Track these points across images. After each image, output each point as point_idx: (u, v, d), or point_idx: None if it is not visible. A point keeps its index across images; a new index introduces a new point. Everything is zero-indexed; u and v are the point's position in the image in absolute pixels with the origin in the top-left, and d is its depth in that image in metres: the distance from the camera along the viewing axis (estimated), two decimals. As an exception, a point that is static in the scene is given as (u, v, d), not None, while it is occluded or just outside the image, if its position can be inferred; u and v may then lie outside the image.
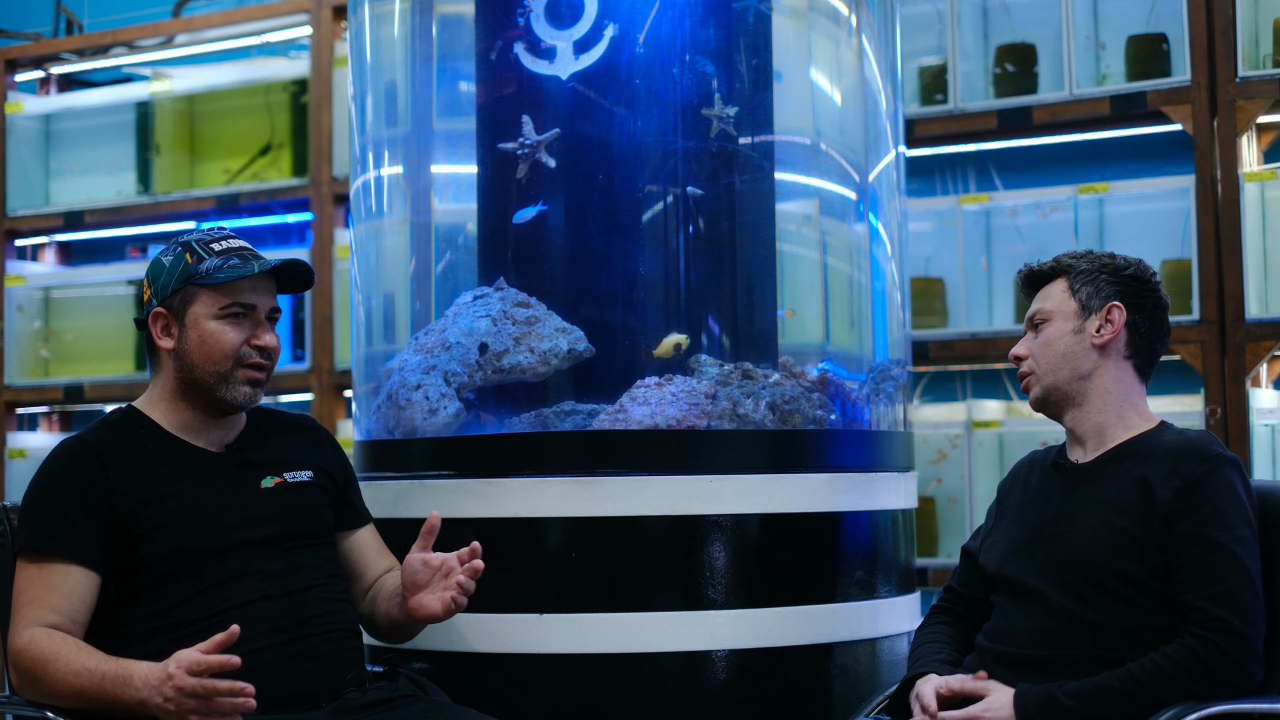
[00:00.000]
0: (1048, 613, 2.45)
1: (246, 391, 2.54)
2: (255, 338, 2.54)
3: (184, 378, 2.54)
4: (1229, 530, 2.35)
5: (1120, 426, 2.53)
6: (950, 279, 4.50)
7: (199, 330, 2.52)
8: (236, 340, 2.52)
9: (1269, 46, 4.14)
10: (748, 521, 2.80)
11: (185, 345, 2.53)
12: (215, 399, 2.54)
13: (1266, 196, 4.08)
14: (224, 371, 2.52)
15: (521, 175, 2.96)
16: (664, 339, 2.93)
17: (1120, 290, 2.55)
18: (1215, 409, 4.02)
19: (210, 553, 2.45)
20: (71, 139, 5.78)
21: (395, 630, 2.65)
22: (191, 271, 2.53)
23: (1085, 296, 2.55)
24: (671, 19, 2.96)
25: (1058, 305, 2.57)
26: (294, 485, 2.59)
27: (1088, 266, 2.57)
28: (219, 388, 2.52)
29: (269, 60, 5.56)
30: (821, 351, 3.13)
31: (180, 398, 2.56)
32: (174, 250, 2.56)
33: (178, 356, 2.54)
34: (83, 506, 2.42)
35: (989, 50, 4.51)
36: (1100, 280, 2.55)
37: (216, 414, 2.57)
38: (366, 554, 2.72)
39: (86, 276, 5.74)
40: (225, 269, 2.52)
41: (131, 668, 2.28)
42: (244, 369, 2.53)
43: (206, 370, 2.52)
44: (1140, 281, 2.56)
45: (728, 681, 2.79)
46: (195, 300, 2.53)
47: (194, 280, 2.52)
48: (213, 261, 2.53)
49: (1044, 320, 2.58)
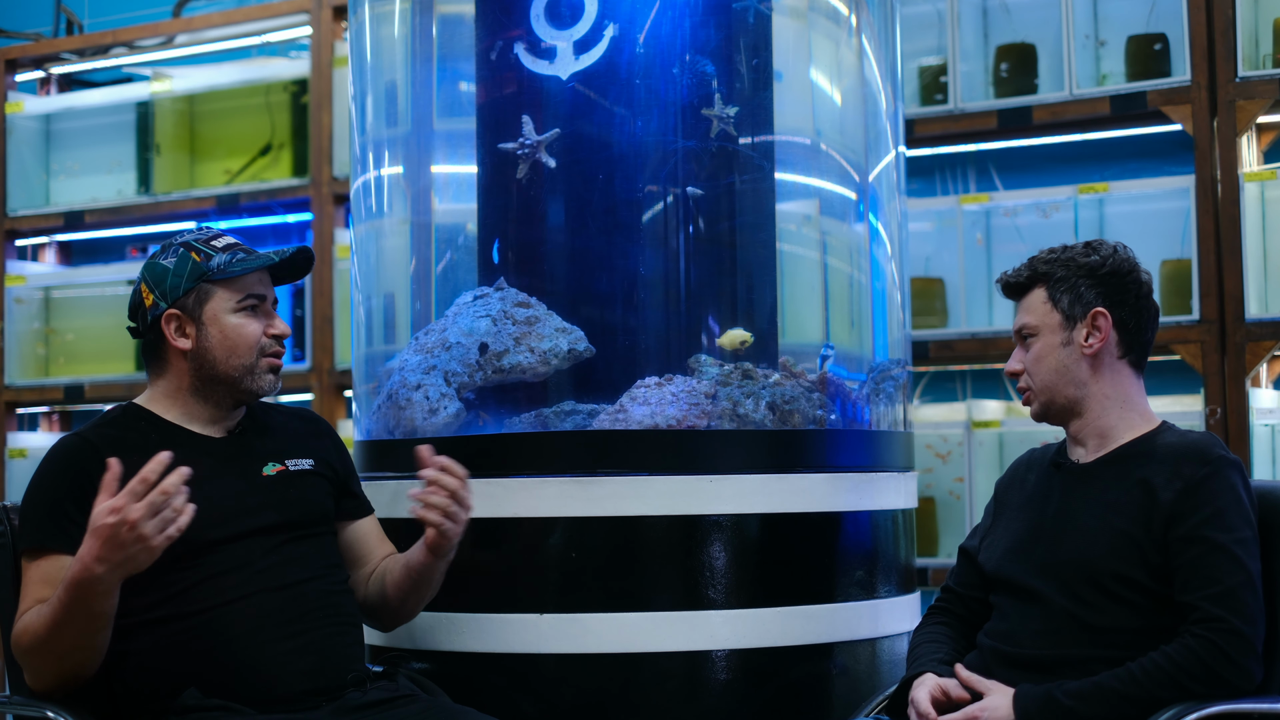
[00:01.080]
0: (1047, 613, 2.45)
1: (270, 379, 2.58)
2: (271, 327, 2.58)
3: (203, 375, 2.55)
4: (1229, 531, 2.35)
5: (1122, 428, 2.53)
6: (950, 279, 4.50)
7: (219, 326, 2.54)
8: (258, 331, 2.56)
9: (1269, 46, 4.14)
10: (748, 521, 2.81)
11: (206, 343, 2.54)
12: (240, 391, 2.56)
13: (1266, 196, 4.08)
14: (249, 363, 2.55)
15: (521, 175, 2.96)
16: (729, 330, 2.93)
17: (1101, 293, 2.51)
18: (1215, 409, 4.02)
19: (210, 544, 2.46)
20: (72, 139, 5.78)
21: (400, 605, 2.66)
22: (203, 269, 2.54)
23: (1067, 305, 2.52)
24: (671, 19, 2.96)
25: (1041, 319, 2.54)
26: (295, 474, 2.61)
27: (1064, 273, 2.53)
28: (244, 380, 2.55)
29: (269, 60, 5.56)
30: (821, 352, 3.13)
31: (193, 394, 2.57)
32: (175, 252, 2.57)
33: (197, 355, 2.55)
34: (83, 503, 2.42)
35: (989, 50, 4.52)
36: (1079, 287, 2.52)
37: (232, 406, 2.59)
38: (370, 541, 2.74)
39: (86, 276, 5.74)
40: (236, 263, 2.55)
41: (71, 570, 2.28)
42: (266, 358, 2.57)
43: (231, 364, 2.54)
44: (1119, 276, 2.52)
45: (728, 681, 2.79)
46: (211, 297, 2.55)
47: (207, 277, 2.54)
48: (221, 258, 2.55)
49: (1031, 334, 2.56)
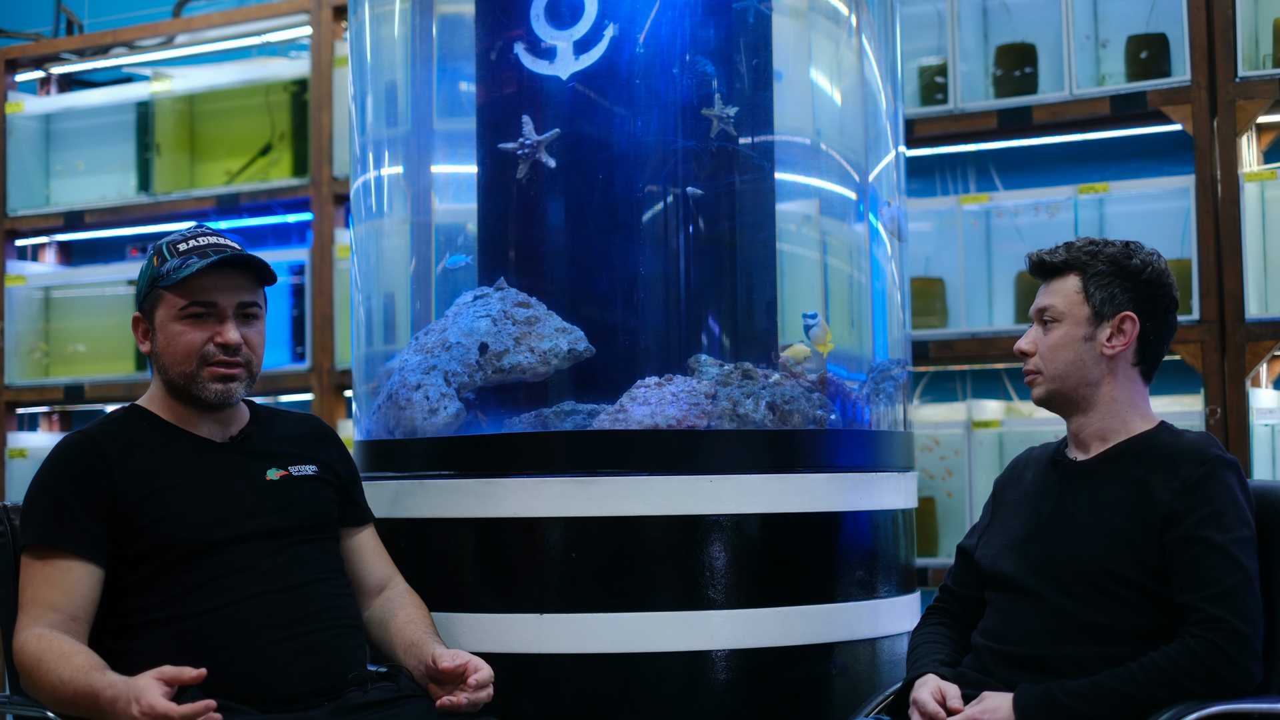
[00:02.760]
0: (1043, 612, 2.45)
1: (217, 389, 2.53)
2: (218, 335, 2.52)
3: (165, 379, 2.57)
4: (1227, 531, 2.35)
5: (1122, 429, 2.53)
6: (950, 279, 4.50)
7: (165, 333, 2.54)
8: (197, 340, 2.52)
9: (1269, 46, 4.14)
10: (748, 521, 2.81)
11: (157, 348, 2.56)
12: (192, 397, 2.55)
13: (1266, 196, 4.08)
14: (190, 372, 2.53)
15: (521, 175, 2.96)
16: (794, 346, 2.94)
17: (1135, 298, 2.49)
18: (1215, 409, 4.02)
19: (213, 544, 2.46)
20: (72, 139, 5.78)
21: (391, 655, 2.66)
22: (155, 274, 2.54)
23: (1099, 302, 2.49)
24: (671, 19, 2.96)
25: (1069, 307, 2.51)
26: (298, 479, 2.61)
27: (1104, 267, 2.49)
28: (190, 387, 2.54)
29: (269, 60, 5.56)
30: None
31: (171, 396, 2.59)
32: (149, 253, 2.59)
33: (155, 359, 2.57)
34: (85, 500, 2.43)
35: (989, 50, 4.51)
36: (1115, 286, 2.49)
37: (203, 408, 2.58)
38: (366, 555, 2.73)
39: (86, 276, 5.75)
40: (182, 268, 2.51)
41: (97, 687, 2.28)
42: (209, 367, 2.52)
43: (175, 371, 2.54)
44: (1155, 287, 2.50)
45: (728, 681, 2.79)
46: (161, 303, 2.55)
47: (157, 283, 2.54)
48: (173, 262, 2.53)
49: (1054, 320, 2.52)
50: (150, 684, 2.21)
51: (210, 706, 2.20)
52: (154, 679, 2.22)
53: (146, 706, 2.19)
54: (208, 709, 2.19)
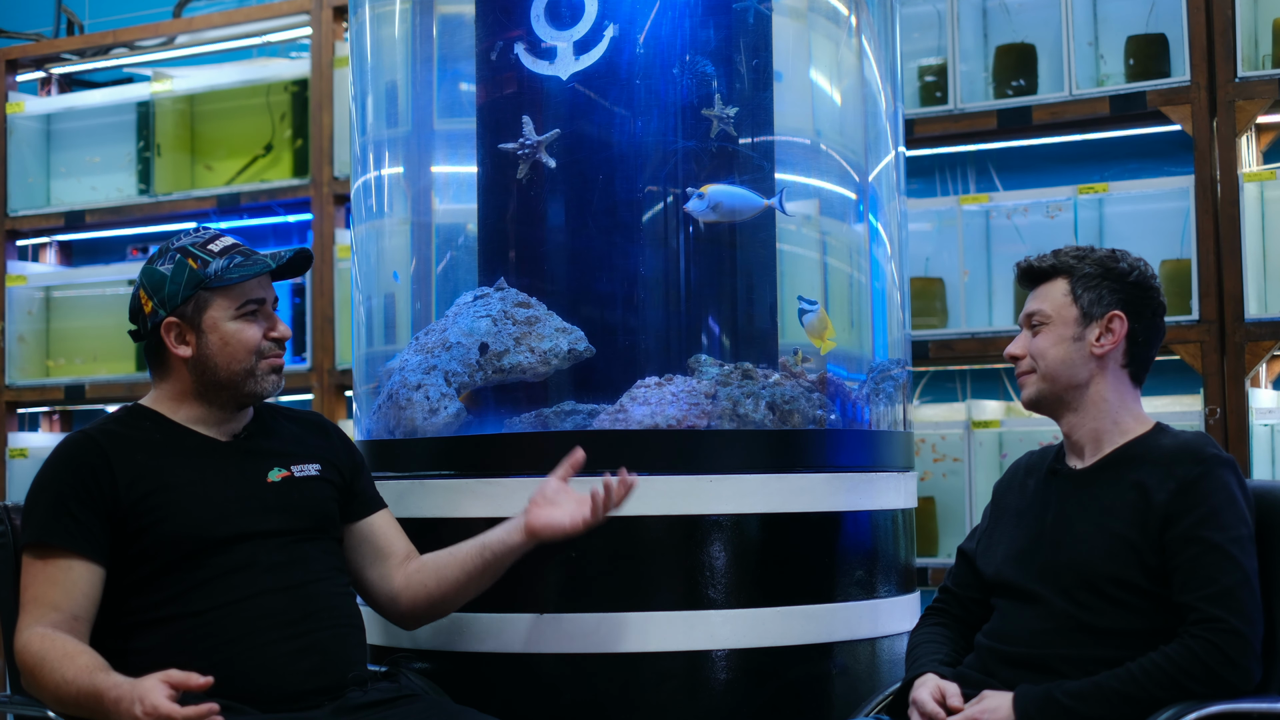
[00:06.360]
0: (1047, 614, 2.45)
1: (274, 380, 2.58)
2: (271, 330, 2.58)
3: (205, 381, 2.56)
4: (1225, 531, 2.35)
5: (1116, 432, 2.53)
6: (950, 279, 4.50)
7: (219, 333, 2.54)
8: (257, 336, 2.56)
9: (1269, 46, 4.14)
10: (748, 521, 2.81)
11: (206, 350, 2.55)
12: (243, 395, 2.57)
13: (1266, 196, 4.08)
14: (249, 367, 2.55)
15: (522, 175, 2.96)
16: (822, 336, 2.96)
17: (1123, 299, 2.51)
18: (1215, 409, 4.02)
19: (214, 542, 2.47)
20: (72, 139, 5.78)
21: (455, 593, 2.67)
22: (200, 277, 2.53)
23: (1087, 303, 2.51)
24: (671, 19, 2.97)
25: (1057, 310, 2.53)
26: (300, 480, 2.60)
27: (1091, 270, 2.52)
28: (246, 383, 2.56)
29: (269, 60, 5.56)
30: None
31: (196, 398, 2.58)
32: (171, 258, 2.56)
33: (198, 362, 2.55)
34: (86, 500, 2.44)
35: (989, 50, 4.52)
36: (1103, 287, 2.51)
37: (236, 408, 2.59)
38: (389, 533, 2.73)
39: (87, 276, 5.75)
40: (234, 269, 2.54)
41: (101, 687, 2.28)
42: (266, 360, 2.57)
43: (232, 370, 2.54)
44: (1142, 289, 2.52)
45: (728, 681, 2.79)
46: (210, 305, 2.55)
47: (205, 285, 2.54)
48: (219, 263, 2.54)
49: (1042, 323, 2.54)
50: (155, 685, 2.21)
51: (213, 710, 2.20)
52: (160, 681, 2.22)
53: (150, 707, 2.19)
54: (210, 712, 2.19)
